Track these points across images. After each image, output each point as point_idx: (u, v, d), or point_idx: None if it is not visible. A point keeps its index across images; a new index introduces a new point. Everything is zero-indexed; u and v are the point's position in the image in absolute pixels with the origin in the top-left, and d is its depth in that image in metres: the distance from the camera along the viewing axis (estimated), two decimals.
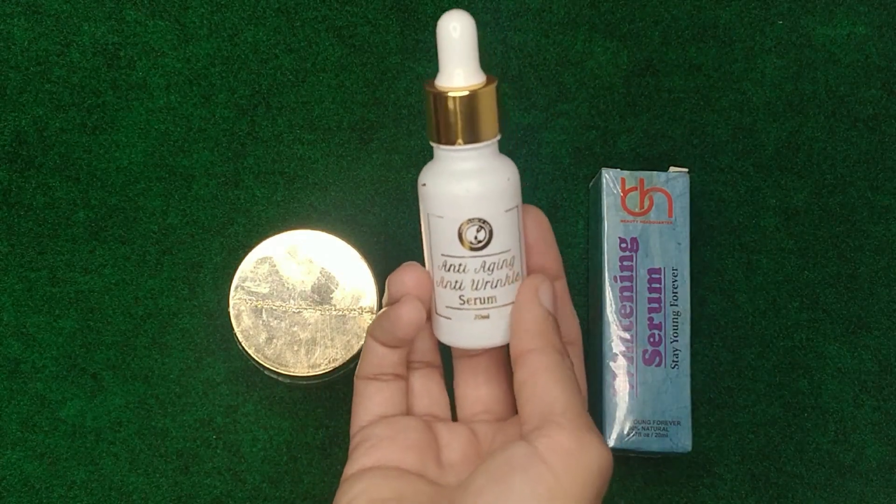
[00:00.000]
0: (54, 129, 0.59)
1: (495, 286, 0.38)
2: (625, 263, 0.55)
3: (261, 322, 0.52)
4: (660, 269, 0.55)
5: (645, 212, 0.56)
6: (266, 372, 0.53)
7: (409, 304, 0.38)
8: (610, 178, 0.56)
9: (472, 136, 0.36)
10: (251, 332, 0.52)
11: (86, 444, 0.57)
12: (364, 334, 0.52)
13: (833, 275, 0.60)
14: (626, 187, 0.56)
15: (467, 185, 0.36)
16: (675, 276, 0.55)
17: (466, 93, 0.35)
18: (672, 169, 0.57)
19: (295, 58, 0.60)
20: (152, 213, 0.59)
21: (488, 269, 0.37)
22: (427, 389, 0.42)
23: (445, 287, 0.38)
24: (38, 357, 0.57)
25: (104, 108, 0.59)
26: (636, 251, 0.55)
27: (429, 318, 0.40)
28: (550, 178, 0.60)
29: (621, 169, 0.57)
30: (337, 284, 0.53)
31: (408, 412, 0.42)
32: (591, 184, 0.60)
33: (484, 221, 0.37)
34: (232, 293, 0.53)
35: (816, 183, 0.61)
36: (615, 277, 0.55)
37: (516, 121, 0.61)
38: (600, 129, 0.61)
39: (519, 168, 0.60)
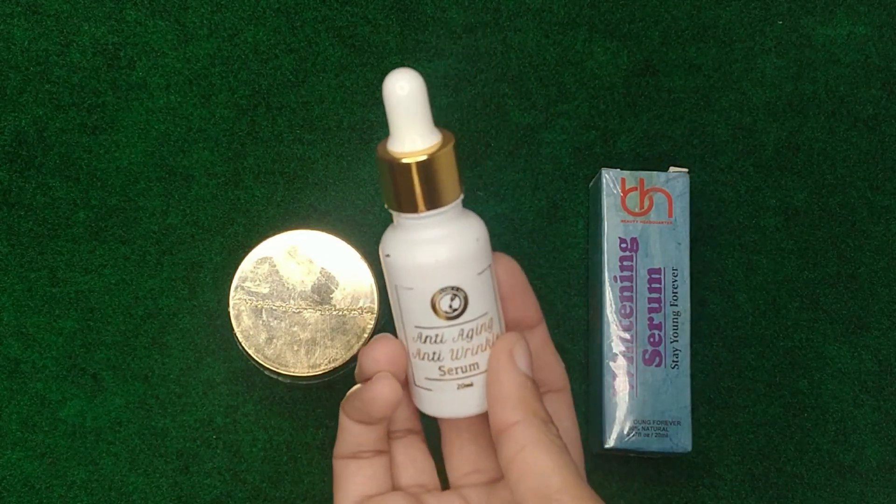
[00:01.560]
0: (54, 129, 0.59)
1: (476, 352, 0.35)
2: (625, 263, 0.55)
3: (261, 322, 0.52)
4: (660, 269, 0.55)
5: (645, 212, 0.56)
6: (266, 372, 0.53)
7: (383, 382, 0.36)
8: (610, 178, 0.56)
9: (435, 202, 0.33)
10: (251, 333, 0.52)
11: (86, 444, 0.57)
12: (364, 334, 0.52)
13: (833, 275, 0.60)
14: (626, 187, 0.56)
15: (435, 253, 0.34)
16: (675, 276, 0.55)
17: (425, 157, 0.33)
18: (672, 169, 0.57)
19: (295, 58, 0.60)
20: (152, 213, 0.59)
21: (467, 336, 0.35)
22: (411, 459, 0.40)
23: (423, 359, 0.36)
24: (38, 357, 0.57)
25: (104, 108, 0.59)
26: (636, 251, 0.55)
27: (406, 387, 0.38)
28: (550, 178, 0.60)
29: (621, 169, 0.57)
30: (337, 284, 0.53)
31: (393, 486, 0.39)
32: (591, 184, 0.60)
33: (457, 289, 0.34)
34: (232, 293, 0.53)
35: (816, 183, 0.61)
36: (615, 277, 0.55)
37: (516, 121, 0.61)
38: (600, 129, 0.61)
39: (519, 168, 0.60)
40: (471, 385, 0.36)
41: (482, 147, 0.60)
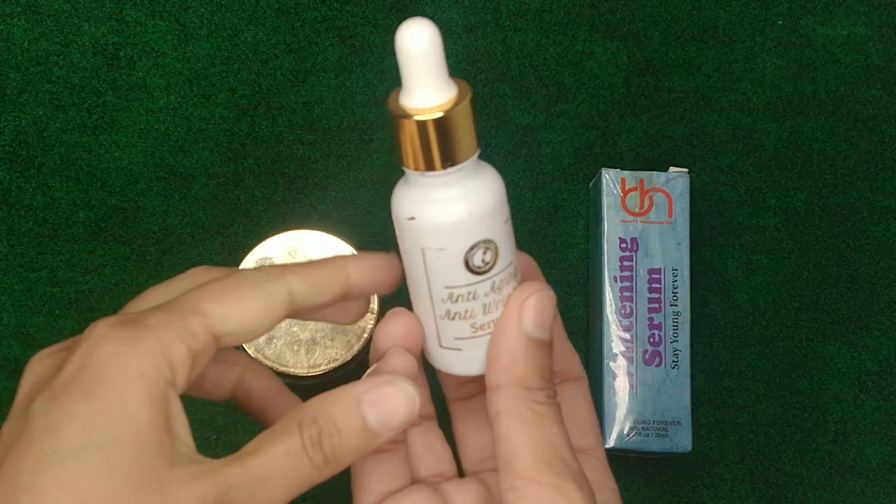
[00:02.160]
0: (54, 129, 0.59)
1: (504, 303, 0.34)
2: (625, 263, 0.55)
3: None
4: (660, 269, 0.55)
5: (645, 212, 0.56)
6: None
7: (399, 355, 0.34)
8: (610, 178, 0.56)
9: (458, 156, 0.32)
10: None
11: None
12: (364, 334, 0.52)
13: (833, 275, 0.60)
14: (626, 187, 0.56)
15: (467, 208, 0.32)
16: (675, 276, 0.55)
17: (441, 114, 0.32)
18: (672, 169, 0.57)
19: (295, 58, 0.60)
20: (152, 213, 0.59)
21: (497, 288, 0.34)
22: (429, 446, 0.37)
23: (454, 319, 0.34)
24: None
25: (104, 108, 0.59)
26: (636, 251, 0.55)
27: (419, 363, 0.36)
28: (550, 178, 0.60)
29: (621, 169, 0.57)
30: None
31: (413, 478, 0.37)
32: (591, 184, 0.60)
33: (489, 241, 0.33)
34: None
35: (816, 183, 0.61)
36: (615, 277, 0.55)
37: (516, 121, 0.61)
38: (600, 129, 0.61)
39: (519, 168, 0.60)
40: (491, 333, 0.35)
41: (482, 147, 0.60)
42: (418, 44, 0.31)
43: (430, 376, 0.40)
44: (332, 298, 0.34)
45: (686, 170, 0.57)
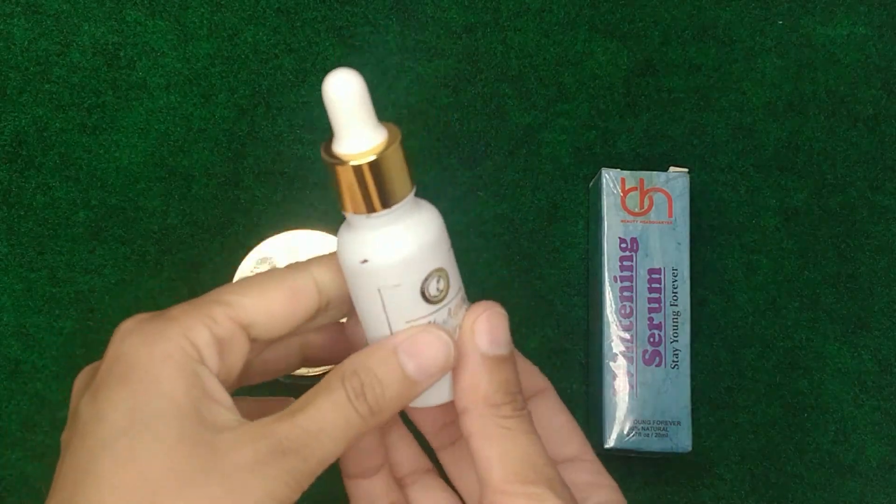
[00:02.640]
0: (54, 129, 0.59)
1: (460, 325, 0.35)
2: (625, 263, 0.55)
3: None
4: (660, 269, 0.55)
5: (645, 212, 0.56)
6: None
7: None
8: (610, 178, 0.56)
9: (399, 194, 0.33)
10: None
11: None
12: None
13: (833, 275, 0.60)
14: (626, 187, 0.56)
15: (416, 241, 0.33)
16: (675, 276, 0.55)
17: (374, 157, 0.33)
18: (672, 169, 0.57)
19: (295, 58, 0.60)
20: (152, 213, 0.59)
21: (453, 314, 0.34)
22: (435, 499, 0.38)
23: None
24: (38, 357, 0.57)
25: (104, 108, 0.59)
26: (636, 251, 0.55)
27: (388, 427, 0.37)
28: (550, 178, 0.60)
29: (621, 169, 0.57)
30: None
31: None
32: (591, 184, 0.60)
33: (441, 269, 0.34)
34: None
35: (816, 183, 0.61)
36: (615, 277, 0.55)
37: (516, 121, 0.61)
38: (600, 129, 0.61)
39: (519, 168, 0.60)
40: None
41: (482, 147, 0.60)
42: (344, 92, 0.32)
43: (416, 433, 0.39)
44: None
45: (686, 170, 0.57)
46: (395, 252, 0.33)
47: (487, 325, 0.34)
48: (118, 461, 0.29)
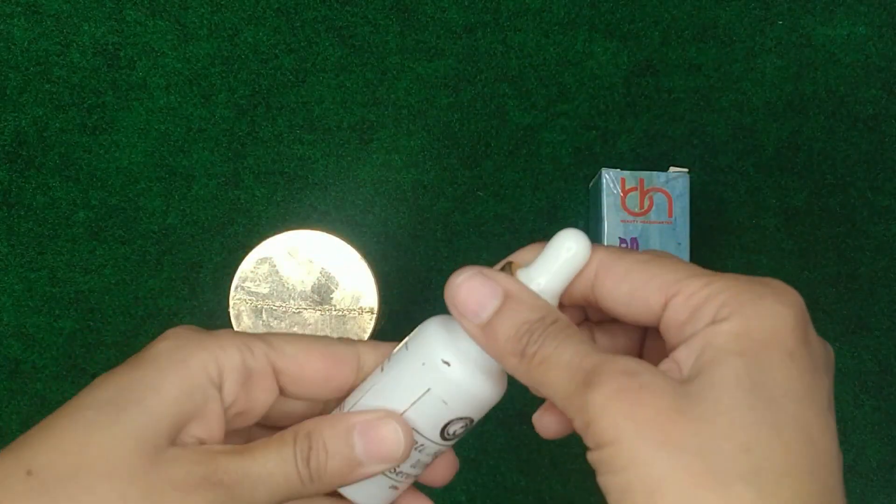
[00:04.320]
0: (54, 129, 0.59)
1: (417, 467, 0.36)
2: None
3: (261, 322, 0.52)
4: None
5: (645, 212, 0.56)
6: None
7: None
8: (610, 178, 0.56)
9: None
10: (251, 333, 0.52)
11: None
12: (364, 334, 0.52)
13: (833, 275, 0.60)
14: (626, 187, 0.56)
15: (491, 395, 0.34)
16: None
17: None
18: (672, 169, 0.57)
19: (295, 58, 0.60)
20: (152, 213, 0.59)
21: (436, 455, 0.35)
22: None
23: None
24: (38, 357, 0.57)
25: (104, 108, 0.59)
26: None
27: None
28: (550, 178, 0.60)
29: (621, 169, 0.57)
30: (337, 284, 0.53)
31: None
32: (591, 184, 0.60)
33: (471, 422, 0.35)
34: (232, 293, 0.53)
35: (816, 183, 0.61)
36: None
37: (516, 121, 0.61)
38: (600, 129, 0.61)
39: (519, 168, 0.60)
40: (396, 489, 0.36)
41: (482, 147, 0.60)
42: (582, 260, 0.33)
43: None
44: None
45: (686, 170, 0.57)
46: (471, 380, 0.34)
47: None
48: (73, 427, 0.31)
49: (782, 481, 0.27)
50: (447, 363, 0.33)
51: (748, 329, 0.29)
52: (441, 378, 0.34)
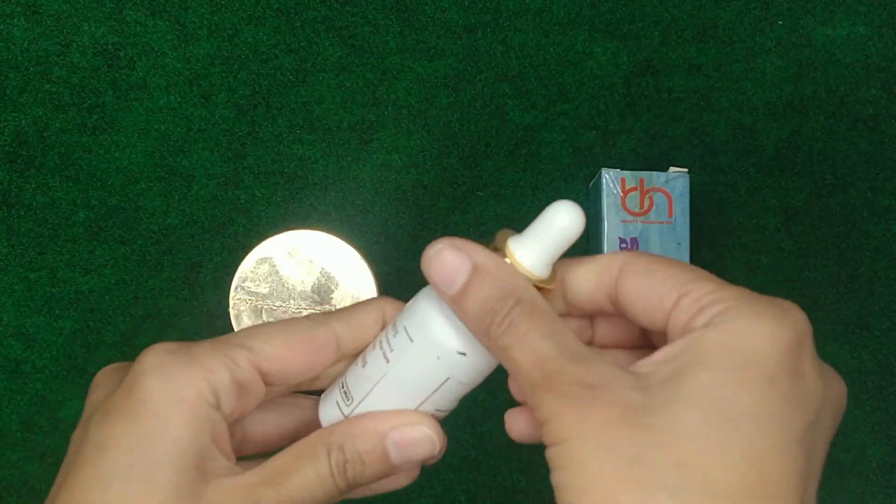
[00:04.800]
0: (54, 129, 0.59)
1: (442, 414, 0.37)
2: None
3: (261, 322, 0.52)
4: None
5: (645, 212, 0.56)
6: None
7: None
8: (610, 179, 0.56)
9: None
10: None
11: None
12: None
13: (833, 275, 0.60)
14: (626, 187, 0.56)
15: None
16: None
17: (548, 287, 0.35)
18: (672, 169, 0.57)
19: (295, 58, 0.60)
20: (152, 213, 0.59)
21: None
22: None
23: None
24: (38, 357, 0.57)
25: (104, 108, 0.59)
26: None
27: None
28: (550, 178, 0.60)
29: (621, 169, 0.57)
30: (337, 284, 0.53)
31: None
32: (591, 184, 0.60)
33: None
34: (232, 293, 0.53)
35: (816, 183, 0.61)
36: None
37: (516, 121, 0.61)
38: (600, 129, 0.61)
39: (519, 168, 0.60)
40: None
41: (482, 147, 0.60)
42: (578, 231, 0.34)
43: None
44: (373, 337, 0.37)
45: (686, 170, 0.57)
46: (490, 364, 0.34)
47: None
48: (107, 502, 0.31)
49: (712, 501, 0.27)
50: (463, 353, 0.34)
51: (732, 343, 0.29)
52: (459, 368, 0.34)
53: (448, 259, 0.33)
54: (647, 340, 0.37)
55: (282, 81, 0.60)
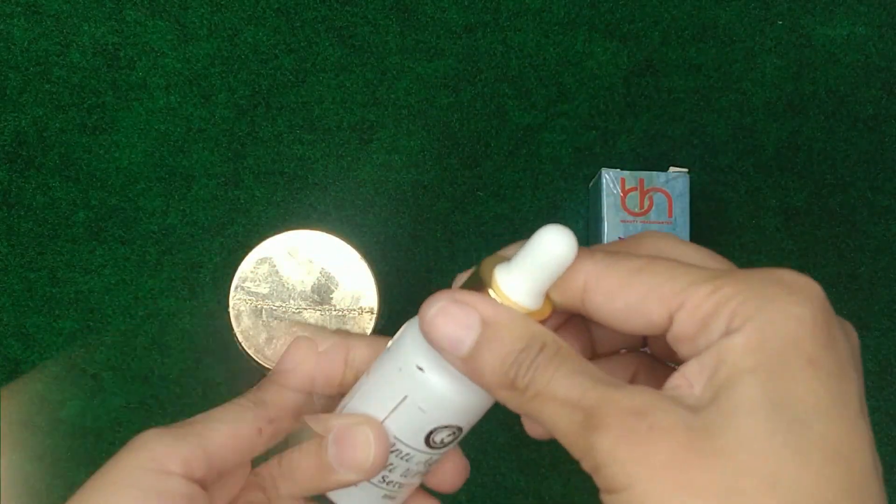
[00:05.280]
0: (54, 129, 0.59)
1: (416, 477, 0.34)
2: None
3: (261, 322, 0.52)
4: None
5: (645, 212, 0.56)
6: (266, 372, 0.53)
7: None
8: (610, 179, 0.56)
9: None
10: (251, 333, 0.52)
11: (86, 444, 0.57)
12: (365, 334, 0.52)
13: (833, 275, 0.60)
14: (626, 187, 0.56)
15: (474, 403, 0.32)
16: None
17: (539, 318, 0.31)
18: (672, 169, 0.57)
19: (295, 58, 0.60)
20: (152, 213, 0.59)
21: (429, 464, 0.33)
22: None
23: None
24: (38, 357, 0.57)
25: (104, 108, 0.59)
26: None
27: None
28: (550, 178, 0.60)
29: (621, 169, 0.57)
30: (337, 284, 0.53)
31: None
32: (591, 184, 0.60)
33: (459, 430, 0.33)
34: (232, 293, 0.53)
35: (816, 183, 0.61)
36: None
37: (516, 121, 0.61)
38: (600, 129, 0.61)
39: (519, 168, 0.60)
40: (393, 499, 0.34)
41: (482, 147, 0.60)
42: (571, 256, 0.30)
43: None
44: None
45: (686, 170, 0.57)
46: (447, 386, 0.32)
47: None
48: None
49: None
50: (421, 369, 0.31)
51: (762, 339, 0.27)
52: (416, 385, 0.31)
53: (451, 317, 0.30)
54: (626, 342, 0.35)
55: (282, 81, 0.60)
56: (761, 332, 0.27)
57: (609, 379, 0.28)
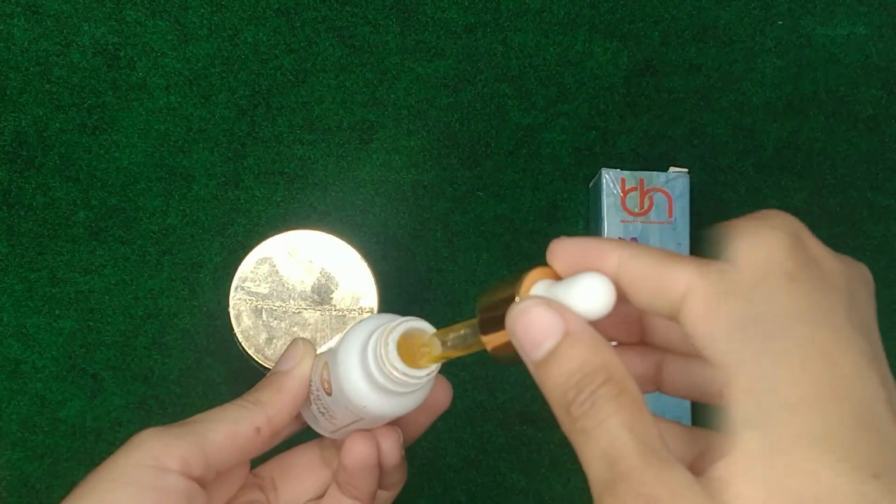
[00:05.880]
0: (54, 129, 0.59)
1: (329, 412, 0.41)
2: None
3: (261, 322, 0.52)
4: None
5: (645, 212, 0.56)
6: (266, 372, 0.53)
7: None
8: (610, 179, 0.56)
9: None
10: (251, 333, 0.52)
11: (86, 444, 0.57)
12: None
13: None
14: (626, 187, 0.56)
15: (411, 399, 0.38)
16: None
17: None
18: (672, 169, 0.57)
19: (295, 58, 0.60)
20: (152, 213, 0.59)
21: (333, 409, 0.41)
22: None
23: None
24: (38, 357, 0.57)
25: (104, 108, 0.59)
26: None
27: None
28: (550, 178, 0.60)
29: (621, 169, 0.57)
30: (337, 284, 0.53)
31: None
32: (591, 184, 0.60)
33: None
34: (232, 293, 0.53)
35: (816, 183, 0.61)
36: None
37: (516, 121, 0.61)
38: (600, 129, 0.61)
39: (519, 168, 0.60)
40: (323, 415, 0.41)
41: (482, 147, 0.60)
42: (606, 311, 0.31)
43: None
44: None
45: (686, 170, 0.57)
46: (392, 414, 0.38)
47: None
48: None
49: (789, 420, 0.25)
50: (365, 407, 0.37)
51: (741, 266, 0.28)
52: (364, 418, 0.38)
53: (538, 317, 0.29)
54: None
55: (282, 81, 0.60)
56: (738, 260, 0.29)
57: (654, 447, 0.27)
